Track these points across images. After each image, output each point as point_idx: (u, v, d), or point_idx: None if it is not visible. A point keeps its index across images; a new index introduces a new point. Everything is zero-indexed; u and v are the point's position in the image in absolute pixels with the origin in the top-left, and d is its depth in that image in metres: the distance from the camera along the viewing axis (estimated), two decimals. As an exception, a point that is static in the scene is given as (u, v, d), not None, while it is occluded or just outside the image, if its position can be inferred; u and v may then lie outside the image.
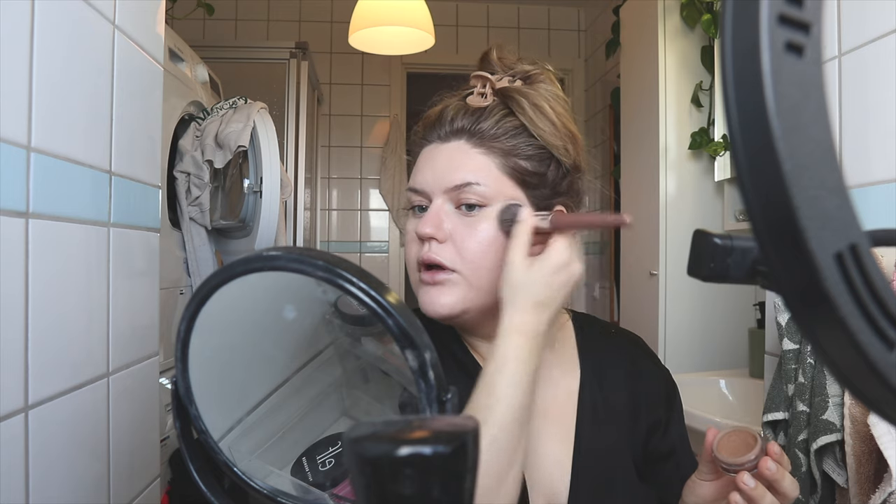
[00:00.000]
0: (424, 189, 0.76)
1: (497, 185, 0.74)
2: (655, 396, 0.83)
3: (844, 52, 1.06)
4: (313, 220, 3.41)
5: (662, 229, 2.16)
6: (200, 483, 0.45)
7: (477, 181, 0.74)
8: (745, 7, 0.22)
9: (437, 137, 0.78)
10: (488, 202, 0.74)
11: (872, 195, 0.99)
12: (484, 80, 0.79)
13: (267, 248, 0.51)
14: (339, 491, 0.48)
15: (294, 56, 2.74)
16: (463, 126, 0.76)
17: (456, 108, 0.78)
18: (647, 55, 2.23)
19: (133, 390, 0.94)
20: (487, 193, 0.74)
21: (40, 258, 0.70)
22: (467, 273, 0.73)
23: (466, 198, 0.74)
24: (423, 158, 0.78)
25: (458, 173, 0.74)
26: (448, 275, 0.74)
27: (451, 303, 0.74)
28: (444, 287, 0.74)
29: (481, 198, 0.74)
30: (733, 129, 0.22)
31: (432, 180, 0.75)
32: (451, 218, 0.74)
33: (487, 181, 0.74)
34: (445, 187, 0.74)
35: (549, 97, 0.78)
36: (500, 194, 0.74)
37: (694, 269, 0.30)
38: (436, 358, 0.39)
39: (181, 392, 0.44)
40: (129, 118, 0.92)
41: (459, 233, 0.74)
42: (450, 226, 0.74)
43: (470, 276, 0.74)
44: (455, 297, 0.74)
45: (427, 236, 0.73)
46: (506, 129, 0.76)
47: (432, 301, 0.74)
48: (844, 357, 0.23)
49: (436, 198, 0.75)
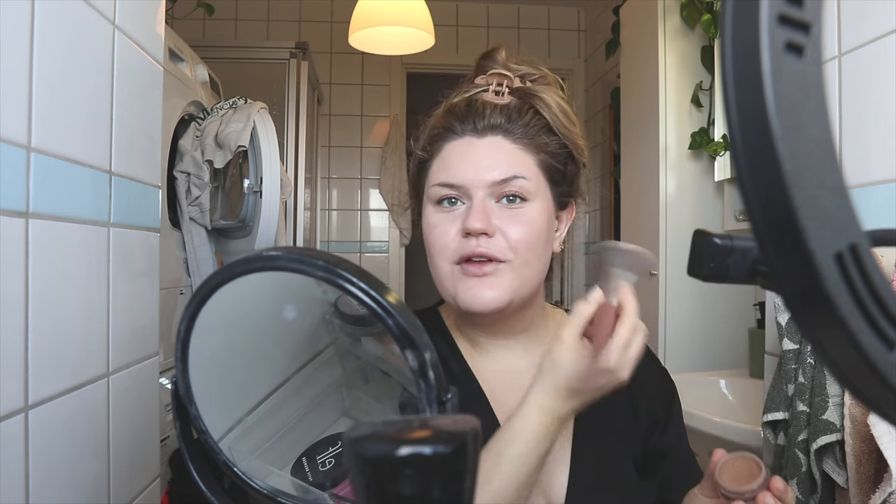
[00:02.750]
0: (463, 184, 0.75)
1: (536, 179, 0.76)
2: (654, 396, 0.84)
3: (844, 52, 1.06)
4: (313, 220, 3.41)
5: (662, 229, 2.16)
6: (200, 483, 0.45)
7: (522, 175, 0.75)
8: (745, 7, 0.22)
9: (470, 131, 0.77)
10: (530, 196, 0.75)
11: (872, 195, 0.99)
12: (502, 78, 0.80)
13: (267, 248, 0.51)
14: (339, 491, 0.48)
15: (294, 56, 2.74)
16: (498, 122, 0.77)
17: (484, 103, 0.78)
18: (647, 55, 2.23)
19: (133, 390, 0.94)
20: (530, 188, 0.75)
21: (40, 258, 0.70)
22: (518, 263, 0.74)
23: (511, 191, 0.75)
24: (456, 153, 0.77)
25: (503, 168, 0.75)
26: (497, 265, 0.74)
27: (499, 295, 0.74)
28: (493, 278, 0.74)
29: (525, 192, 0.75)
30: (733, 129, 0.22)
31: (473, 175, 0.75)
32: (495, 212, 0.75)
33: (531, 175, 0.76)
34: (490, 182, 0.75)
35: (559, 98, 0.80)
36: (540, 189, 0.76)
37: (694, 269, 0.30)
38: (436, 358, 0.39)
39: (181, 392, 0.44)
40: (129, 118, 0.92)
41: (508, 225, 0.74)
42: (496, 220, 0.74)
43: (520, 266, 0.74)
44: (503, 287, 0.74)
45: (479, 231, 0.73)
46: (537, 127, 0.77)
47: (481, 294, 0.74)
48: (844, 357, 0.23)
49: (476, 192, 0.75)
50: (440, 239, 0.76)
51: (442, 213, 0.77)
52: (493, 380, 0.82)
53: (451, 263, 0.76)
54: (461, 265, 0.75)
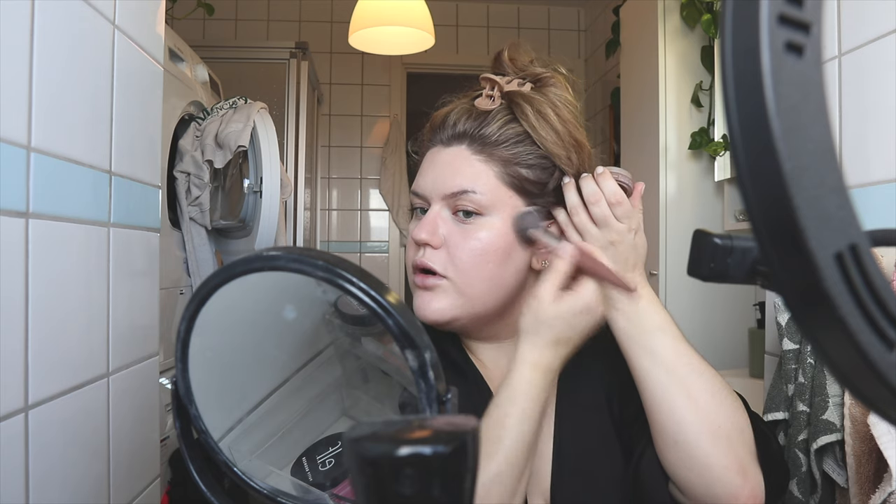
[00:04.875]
0: (424, 193, 0.76)
1: (495, 193, 0.74)
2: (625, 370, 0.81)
3: (844, 52, 1.06)
4: (313, 220, 3.41)
5: (662, 229, 2.16)
6: (200, 483, 0.45)
7: (474, 189, 0.73)
8: (745, 7, 0.22)
9: (440, 140, 0.78)
10: (485, 211, 0.74)
11: (872, 195, 0.99)
12: (492, 83, 0.78)
13: (267, 248, 0.51)
14: (339, 491, 0.48)
15: (294, 56, 2.74)
16: (465, 130, 0.76)
17: (461, 111, 0.77)
18: (647, 55, 2.23)
19: (133, 390, 0.94)
20: (483, 202, 0.73)
21: (40, 258, 0.70)
22: (458, 281, 0.74)
23: (463, 205, 0.74)
24: (426, 161, 0.78)
25: (456, 180, 0.74)
26: (438, 280, 0.74)
27: (440, 308, 0.74)
28: (435, 293, 0.74)
29: (477, 206, 0.73)
30: (733, 129, 0.22)
31: (431, 185, 0.76)
32: (447, 224, 0.74)
33: (485, 189, 0.73)
34: (443, 193, 0.74)
35: (558, 102, 0.77)
36: (498, 203, 0.74)
37: (694, 269, 0.30)
38: (436, 358, 0.39)
39: (181, 392, 0.44)
40: (129, 118, 0.92)
41: (454, 240, 0.74)
42: (445, 232, 0.74)
43: (461, 284, 0.74)
44: (444, 303, 0.74)
45: (422, 242, 0.74)
46: (507, 136, 0.75)
47: (424, 306, 0.75)
48: (844, 357, 0.23)
49: (434, 203, 0.75)
50: (410, 246, 0.78)
51: (414, 222, 0.79)
52: (496, 378, 0.81)
53: (412, 273, 0.77)
54: (415, 274, 0.76)
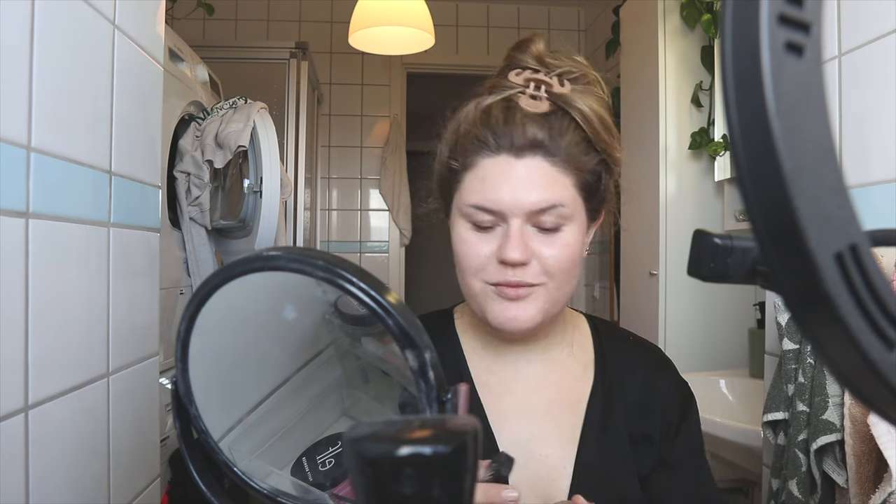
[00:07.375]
0: (501, 210, 0.71)
1: (575, 202, 0.73)
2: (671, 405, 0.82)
3: (844, 52, 1.06)
4: (313, 220, 3.41)
5: (662, 229, 2.16)
6: (200, 483, 0.45)
7: (562, 203, 0.71)
8: (745, 7, 0.22)
9: (507, 148, 0.71)
10: (567, 221, 0.73)
11: (872, 195, 0.99)
12: (539, 81, 0.73)
13: (267, 248, 0.51)
14: (339, 491, 0.48)
15: (294, 56, 2.74)
16: (537, 139, 0.71)
17: (524, 114, 0.71)
18: (647, 55, 2.23)
19: (133, 390, 0.94)
20: (568, 213, 0.72)
21: (40, 258, 0.70)
22: (552, 286, 0.73)
23: (551, 220, 0.71)
24: (493, 174, 0.72)
25: (544, 195, 0.70)
26: (532, 288, 0.73)
27: (531, 317, 0.73)
28: (527, 301, 0.73)
29: (564, 218, 0.72)
30: (733, 129, 0.22)
31: (510, 201, 0.70)
32: (531, 237, 0.72)
33: (568, 201, 0.72)
34: (528, 210, 0.70)
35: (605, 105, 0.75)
36: (576, 210, 0.73)
37: (694, 269, 0.30)
38: (436, 358, 0.39)
39: (181, 392, 0.44)
40: (129, 118, 0.92)
41: (543, 251, 0.72)
42: (532, 244, 0.72)
43: (553, 289, 0.74)
44: (536, 309, 0.73)
45: (517, 262, 0.71)
46: (577, 143, 0.72)
47: (513, 316, 0.73)
48: (844, 357, 0.23)
49: (513, 218, 0.71)
50: (474, 259, 0.73)
51: (475, 233, 0.73)
52: (492, 381, 0.81)
53: (484, 283, 0.74)
54: (495, 286, 0.73)
